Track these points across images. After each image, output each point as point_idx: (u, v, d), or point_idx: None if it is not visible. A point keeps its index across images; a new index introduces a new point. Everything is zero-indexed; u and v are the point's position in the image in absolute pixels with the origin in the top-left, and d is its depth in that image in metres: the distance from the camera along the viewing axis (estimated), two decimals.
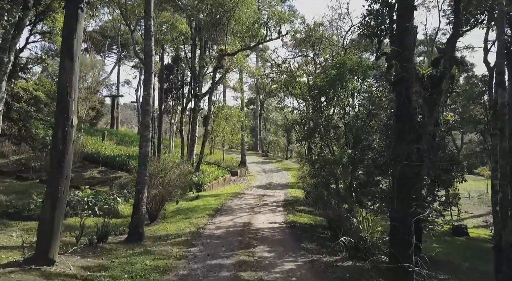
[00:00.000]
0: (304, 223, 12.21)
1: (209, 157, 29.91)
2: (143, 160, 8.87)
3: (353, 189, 9.95)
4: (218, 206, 14.73)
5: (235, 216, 12.79)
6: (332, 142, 10.77)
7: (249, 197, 17.71)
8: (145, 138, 8.92)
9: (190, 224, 11.22)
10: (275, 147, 43.62)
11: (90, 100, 25.83)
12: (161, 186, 11.83)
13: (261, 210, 14.27)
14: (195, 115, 23.17)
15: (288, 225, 11.54)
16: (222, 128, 24.16)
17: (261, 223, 11.71)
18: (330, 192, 9.87)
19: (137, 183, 8.92)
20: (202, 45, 21.98)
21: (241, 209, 14.48)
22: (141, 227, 8.68)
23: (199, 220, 11.79)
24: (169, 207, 15.00)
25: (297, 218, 12.94)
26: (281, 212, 14.12)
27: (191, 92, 22.95)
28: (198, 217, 12.34)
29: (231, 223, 11.52)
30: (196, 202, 16.19)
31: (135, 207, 8.83)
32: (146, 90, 8.87)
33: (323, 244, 9.19)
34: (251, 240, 9.32)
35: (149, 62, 8.86)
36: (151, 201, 11.64)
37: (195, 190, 19.74)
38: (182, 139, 23.31)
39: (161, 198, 12.13)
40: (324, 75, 10.46)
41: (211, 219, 12.17)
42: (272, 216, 13.07)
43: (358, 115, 9.96)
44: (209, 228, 10.70)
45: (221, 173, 23.87)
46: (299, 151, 28.58)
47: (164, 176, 12.04)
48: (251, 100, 47.97)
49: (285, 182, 24.82)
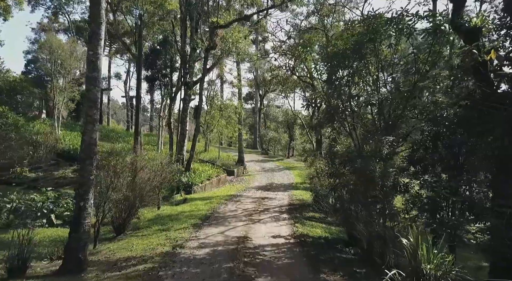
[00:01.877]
0: (318, 236, 9.33)
1: (203, 154, 27.00)
2: (88, 151, 5.99)
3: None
4: (207, 213, 11.86)
5: (227, 227, 9.92)
6: (356, 128, 7.89)
7: (246, 201, 14.84)
8: (91, 120, 6.03)
9: (165, 239, 8.34)
10: (276, 145, 40.67)
11: (67, 91, 22.95)
12: (129, 188, 8.94)
13: (261, 218, 11.40)
14: (186, 106, 20.27)
15: (298, 241, 8.66)
16: (217, 121, 21.26)
17: (261, 237, 8.84)
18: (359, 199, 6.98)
19: (78, 185, 6.04)
20: (193, 26, 19.07)
21: (236, 216, 11.60)
22: (81, 250, 5.80)
23: (179, 233, 8.92)
24: (146, 213, 12.14)
25: (307, 229, 10.07)
26: (286, 220, 11.25)
27: (180, 80, 20.07)
28: (179, 229, 9.46)
29: (221, 238, 8.64)
30: (182, 207, 13.31)
31: (74, 221, 5.94)
32: (92, 49, 6.01)
33: (352, 276, 6.31)
34: (247, 267, 6.45)
35: (96, 9, 6.00)
36: (113, 208, 8.75)
37: (184, 191, 16.87)
38: (170, 134, 20.44)
39: (130, 205, 9.24)
40: (346, 36, 7.57)
41: (196, 231, 9.29)
42: (275, 226, 10.21)
43: (394, 91, 7.06)
44: (190, 245, 7.82)
45: (215, 172, 20.98)
46: (303, 147, 25.74)
47: (132, 174, 9.14)
48: (250, 95, 45.08)
49: (288, 182, 21.93)
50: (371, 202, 7.23)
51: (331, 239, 9.29)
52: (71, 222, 6.36)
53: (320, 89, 10.96)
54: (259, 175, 24.56)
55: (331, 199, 11.13)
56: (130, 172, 9.09)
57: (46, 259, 6.81)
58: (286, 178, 23.61)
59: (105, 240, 9.01)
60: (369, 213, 7.36)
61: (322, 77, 9.44)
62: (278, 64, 19.53)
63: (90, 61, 6.07)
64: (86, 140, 6.01)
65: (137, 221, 10.82)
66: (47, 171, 18.25)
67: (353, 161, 6.82)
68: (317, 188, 10.83)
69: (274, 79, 21.26)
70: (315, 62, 8.90)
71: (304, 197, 16.16)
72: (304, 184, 20.88)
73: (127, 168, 8.91)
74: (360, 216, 8.03)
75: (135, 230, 9.75)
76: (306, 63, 9.22)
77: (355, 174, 7.17)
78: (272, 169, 27.21)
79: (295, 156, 37.73)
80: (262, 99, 42.24)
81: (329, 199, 10.10)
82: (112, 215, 9.19)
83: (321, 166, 10.89)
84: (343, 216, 9.07)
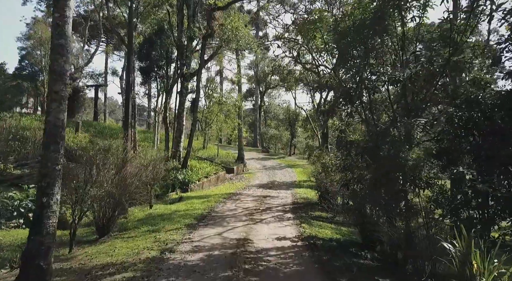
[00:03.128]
0: (328, 238, 8.21)
1: (202, 152, 25.84)
2: (53, 135, 4.87)
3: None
4: (204, 212, 10.75)
5: (225, 228, 8.80)
6: (374, 112, 6.79)
7: (247, 199, 13.72)
8: (57, 97, 4.91)
9: (154, 241, 7.22)
10: (277, 143, 39.48)
11: None
12: (113, 183, 7.81)
13: (263, 217, 10.29)
14: (182, 100, 19.12)
15: (306, 243, 7.55)
16: (215, 115, 20.10)
17: (264, 240, 7.72)
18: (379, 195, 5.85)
19: (39, 177, 4.91)
20: (191, 14, 17.93)
21: (236, 215, 10.49)
22: (43, 257, 4.67)
23: (170, 235, 7.79)
24: (137, 213, 11.03)
25: (315, 230, 8.95)
26: (291, 220, 10.13)
27: (177, 72, 18.93)
28: (171, 230, 8.35)
29: (218, 240, 7.52)
30: (176, 206, 12.18)
31: (34, 221, 4.81)
32: (59, 10, 4.90)
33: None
34: (248, 276, 5.33)
35: None
36: (96, 206, 7.62)
37: (180, 189, 15.75)
38: (166, 129, 19.29)
39: (115, 202, 8.12)
40: (359, 11, 6.47)
41: (190, 232, 8.17)
42: (279, 227, 9.09)
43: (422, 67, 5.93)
44: (182, 249, 6.70)
45: (214, 170, 19.85)
46: (306, 143, 24.58)
47: (117, 167, 8.02)
48: (250, 91, 43.94)
49: (290, 180, 20.81)
50: (393, 198, 6.11)
51: (343, 241, 8.17)
52: (32, 221, 5.22)
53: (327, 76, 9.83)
54: (260, 172, 23.43)
55: (340, 197, 10.04)
56: (114, 165, 7.95)
57: (7, 267, 5.70)
58: (288, 175, 22.48)
59: (85, 243, 7.89)
60: (391, 212, 6.24)
61: (332, 59, 8.34)
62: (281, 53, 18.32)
63: (56, 26, 4.94)
64: (51, 121, 4.88)
65: (124, 221, 9.71)
66: (34, 168, 17.11)
67: (374, 150, 5.69)
68: (326, 184, 9.68)
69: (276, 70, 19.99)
70: (325, 41, 7.78)
71: (309, 195, 15.06)
72: (308, 182, 19.79)
73: (110, 159, 7.77)
74: (379, 215, 6.92)
75: (121, 231, 8.62)
76: (315, 41, 8.05)
77: (377, 165, 6.03)
78: (274, 167, 26.07)
79: (296, 154, 36.60)
80: (262, 96, 41.04)
81: (339, 197, 9.01)
82: (94, 214, 8.08)
83: (330, 160, 9.74)
84: (357, 215, 7.97)
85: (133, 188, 9.03)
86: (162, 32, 18.76)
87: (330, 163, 9.60)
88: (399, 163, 4.98)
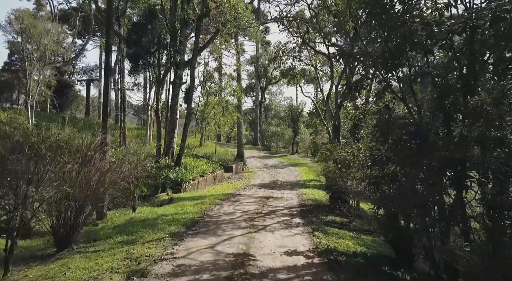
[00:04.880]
0: (352, 252, 6.41)
1: (198, 149, 24.07)
2: None
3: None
4: (195, 216, 8.96)
5: (220, 237, 7.01)
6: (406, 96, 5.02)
7: (247, 201, 11.93)
8: None
9: (124, 259, 5.43)
10: (278, 141, 37.66)
11: (41, 75, 20.06)
12: (71, 182, 6.01)
13: (267, 223, 8.50)
14: (176, 91, 17.35)
15: (325, 260, 5.76)
16: (212, 107, 18.28)
17: (269, 255, 5.94)
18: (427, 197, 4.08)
19: None
20: None
21: (234, 221, 8.70)
22: None
23: (147, 249, 6.00)
24: (116, 217, 9.28)
25: (333, 240, 7.15)
26: (300, 226, 8.34)
27: (170, 60, 17.13)
28: (151, 241, 6.56)
29: (209, 256, 5.73)
30: (164, 209, 10.39)
31: None
32: None
33: None
34: None
35: None
36: (53, 211, 5.84)
37: (171, 190, 13.95)
38: (158, 123, 17.49)
39: (79, 207, 6.33)
40: None
41: (175, 244, 6.38)
42: (287, 236, 7.30)
43: None
44: (159, 272, 4.91)
45: (210, 168, 18.05)
46: (312, 139, 22.77)
47: (78, 162, 6.23)
48: (250, 86, 42.18)
49: (294, 179, 19.02)
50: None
51: (370, 256, 6.38)
52: None
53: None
54: (261, 171, 21.64)
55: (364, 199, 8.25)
56: (75, 160, 6.16)
57: None
58: (292, 174, 20.70)
59: (39, 258, 6.11)
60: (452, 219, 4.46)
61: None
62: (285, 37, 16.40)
63: None
64: None
65: (96, 229, 7.93)
66: None
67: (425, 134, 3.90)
68: (345, 183, 7.87)
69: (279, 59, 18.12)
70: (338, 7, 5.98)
71: (317, 196, 13.28)
72: (314, 182, 18.02)
73: (66, 151, 5.97)
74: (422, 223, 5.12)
75: (88, 243, 6.83)
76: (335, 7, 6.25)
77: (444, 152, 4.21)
78: (276, 165, 24.29)
79: (299, 152, 34.81)
80: (263, 92, 39.28)
81: (353, 199, 7.26)
82: (52, 221, 6.30)
83: (351, 152, 7.92)
84: (388, 225, 6.17)
85: (103, 189, 7.25)
86: (154, 16, 16.95)
87: (352, 156, 7.78)
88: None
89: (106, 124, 10.04)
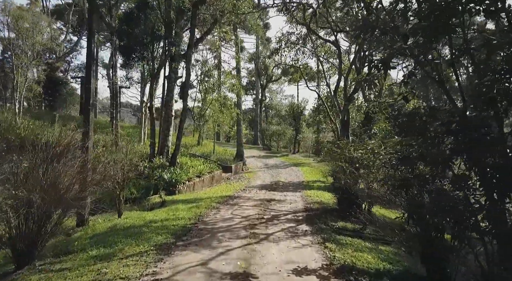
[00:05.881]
0: (374, 270, 5.28)
1: (196, 148, 22.93)
2: None
3: None
4: (188, 223, 7.85)
5: (215, 250, 5.89)
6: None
7: (247, 204, 10.81)
8: None
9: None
10: (279, 140, 36.52)
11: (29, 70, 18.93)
12: (30, 184, 4.90)
13: (270, 231, 7.38)
14: (171, 86, 16.25)
15: None
16: (209, 103, 17.18)
17: (274, 275, 4.83)
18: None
19: None
20: None
21: (232, 229, 7.57)
22: None
23: (125, 267, 4.89)
24: (100, 224, 8.18)
25: (349, 253, 6.03)
26: (308, 235, 7.22)
27: (164, 52, 16.02)
28: (131, 255, 5.44)
29: (199, 278, 4.61)
30: (154, 213, 9.27)
31: None
32: None
33: None
34: None
35: None
36: (5, 218, 4.73)
37: (164, 192, 12.83)
38: (152, 121, 16.36)
39: (43, 214, 5.21)
40: None
41: (159, 260, 5.26)
42: (294, 249, 6.18)
43: None
44: None
45: (208, 168, 16.91)
46: (315, 137, 21.67)
47: (44, 160, 5.12)
48: (251, 84, 41.07)
49: (297, 180, 17.91)
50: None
51: (396, 274, 5.25)
52: None
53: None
54: (262, 171, 20.53)
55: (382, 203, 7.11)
56: (35, 156, 5.05)
57: None
58: (294, 175, 19.59)
59: None
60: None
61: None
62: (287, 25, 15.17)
63: None
64: None
65: (71, 239, 6.81)
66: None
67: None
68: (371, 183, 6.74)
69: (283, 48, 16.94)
70: None
71: (323, 199, 12.17)
72: (318, 183, 16.92)
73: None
74: None
75: (57, 257, 5.70)
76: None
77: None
78: (277, 165, 23.18)
79: (300, 151, 33.69)
80: (263, 89, 38.17)
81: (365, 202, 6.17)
82: (10, 232, 5.18)
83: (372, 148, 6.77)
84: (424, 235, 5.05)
85: (83, 191, 6.15)
86: (147, 5, 15.84)
87: (371, 154, 6.64)
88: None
89: (88, 118, 8.94)
